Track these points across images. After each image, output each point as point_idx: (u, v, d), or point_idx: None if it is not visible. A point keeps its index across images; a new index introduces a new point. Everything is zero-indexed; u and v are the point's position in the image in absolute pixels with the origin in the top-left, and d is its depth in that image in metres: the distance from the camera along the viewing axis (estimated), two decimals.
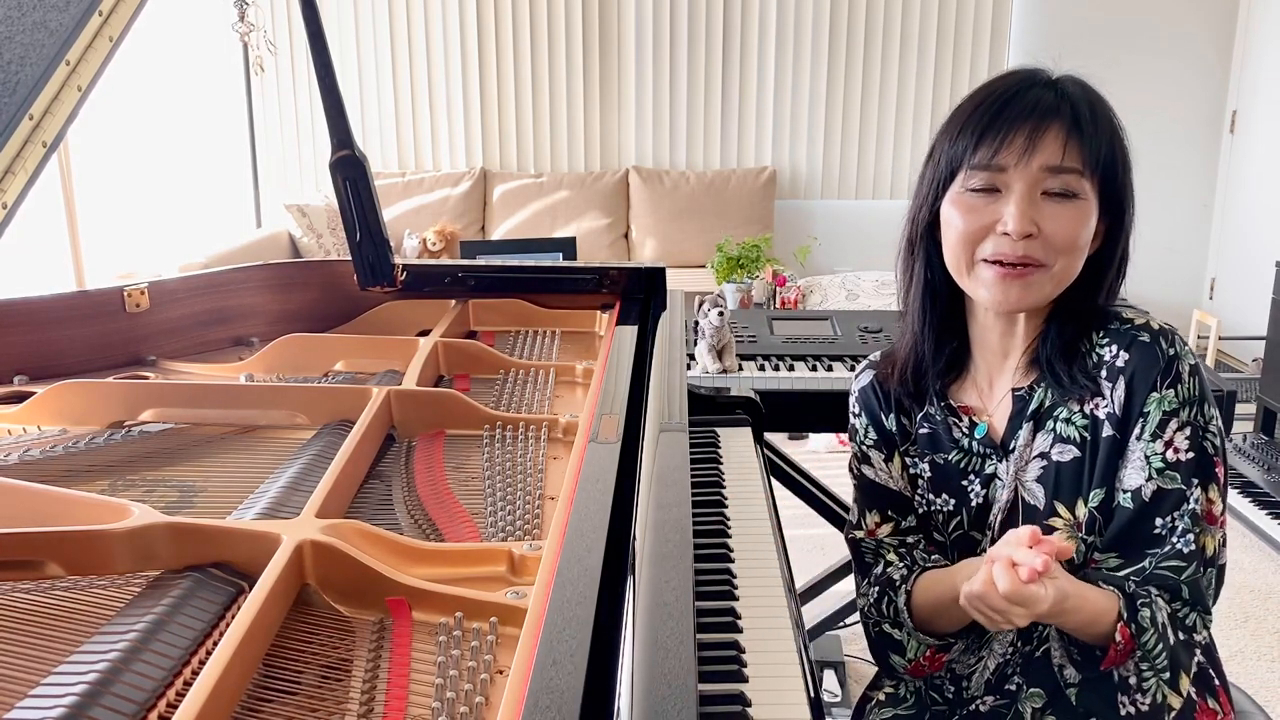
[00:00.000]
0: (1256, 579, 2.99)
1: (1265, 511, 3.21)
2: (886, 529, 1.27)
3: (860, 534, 1.29)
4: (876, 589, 1.23)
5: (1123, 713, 1.06)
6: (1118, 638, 1.03)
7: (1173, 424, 1.07)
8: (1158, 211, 5.17)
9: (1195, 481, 1.07)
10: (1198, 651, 1.07)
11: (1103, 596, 1.05)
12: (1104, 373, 1.11)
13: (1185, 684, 1.05)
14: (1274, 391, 3.64)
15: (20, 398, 1.32)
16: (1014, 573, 0.95)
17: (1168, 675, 1.04)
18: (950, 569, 1.16)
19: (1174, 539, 1.07)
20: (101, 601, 0.84)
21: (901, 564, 1.23)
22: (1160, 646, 1.04)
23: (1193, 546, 1.06)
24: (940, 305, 1.20)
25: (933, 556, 1.23)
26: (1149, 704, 1.05)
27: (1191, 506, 1.06)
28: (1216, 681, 1.17)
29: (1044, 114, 1.07)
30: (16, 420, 1.28)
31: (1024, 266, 1.08)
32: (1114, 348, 1.11)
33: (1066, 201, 1.07)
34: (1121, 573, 1.08)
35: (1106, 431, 1.10)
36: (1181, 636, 1.05)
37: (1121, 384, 1.10)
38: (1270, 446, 3.58)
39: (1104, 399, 1.11)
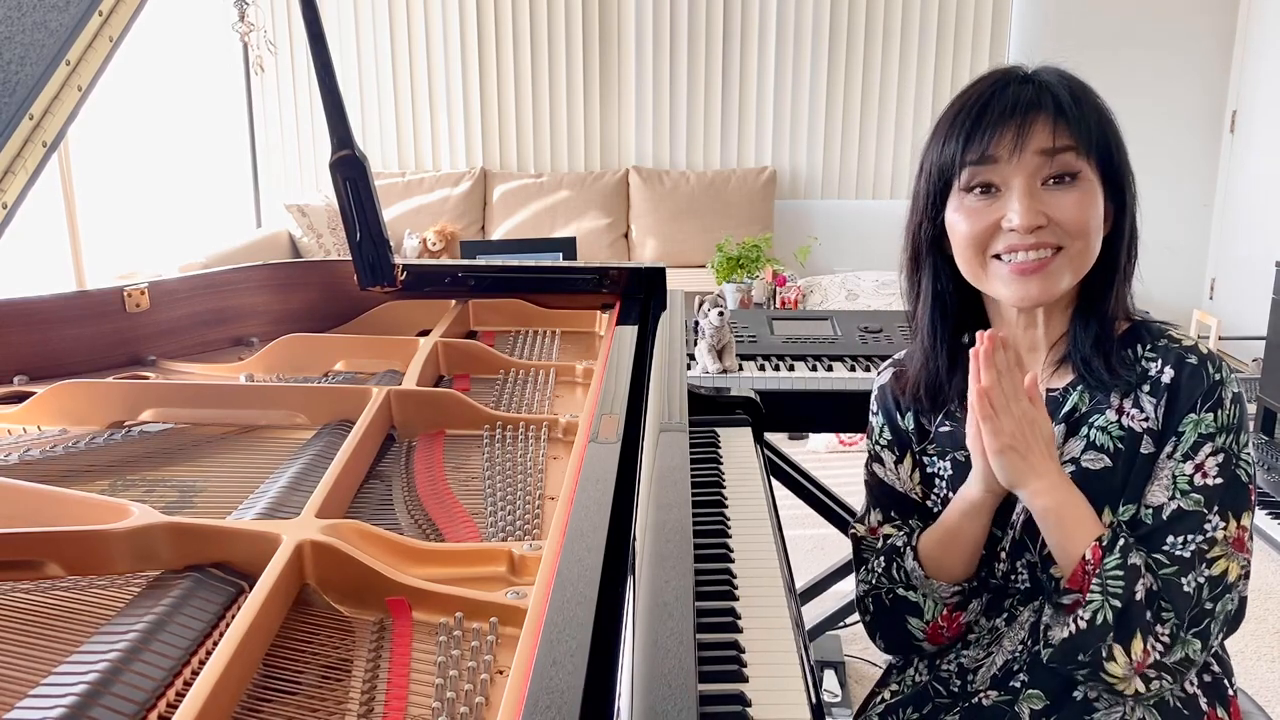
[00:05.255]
0: (1257, 579, 2.98)
1: (1265, 511, 3.21)
2: (888, 529, 1.27)
3: (862, 530, 1.30)
4: (883, 558, 1.24)
5: (1064, 633, 1.06)
6: (1087, 555, 1.05)
7: (1206, 448, 1.07)
8: (1158, 211, 5.13)
9: (1219, 509, 1.06)
10: (1154, 641, 1.04)
11: (1096, 523, 1.07)
12: (1146, 386, 1.10)
13: (1137, 648, 1.03)
14: (1274, 391, 3.64)
15: (20, 398, 1.32)
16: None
17: (1117, 605, 1.03)
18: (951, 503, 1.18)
19: (1179, 553, 1.06)
20: (101, 601, 0.84)
21: (902, 533, 1.25)
22: (1120, 574, 1.03)
23: (1187, 555, 1.05)
24: (950, 318, 1.20)
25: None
26: (1087, 620, 1.04)
27: (1210, 534, 1.06)
28: (1231, 692, 1.17)
29: (1028, 107, 1.06)
30: (16, 420, 1.28)
31: (1039, 259, 1.07)
32: (1160, 363, 1.11)
33: (1070, 185, 1.07)
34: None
35: (1146, 448, 1.10)
36: (1149, 615, 1.03)
37: (1164, 401, 1.09)
38: (1270, 446, 3.57)
39: (1141, 411, 1.10)
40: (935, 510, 1.25)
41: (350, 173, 1.65)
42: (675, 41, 5.34)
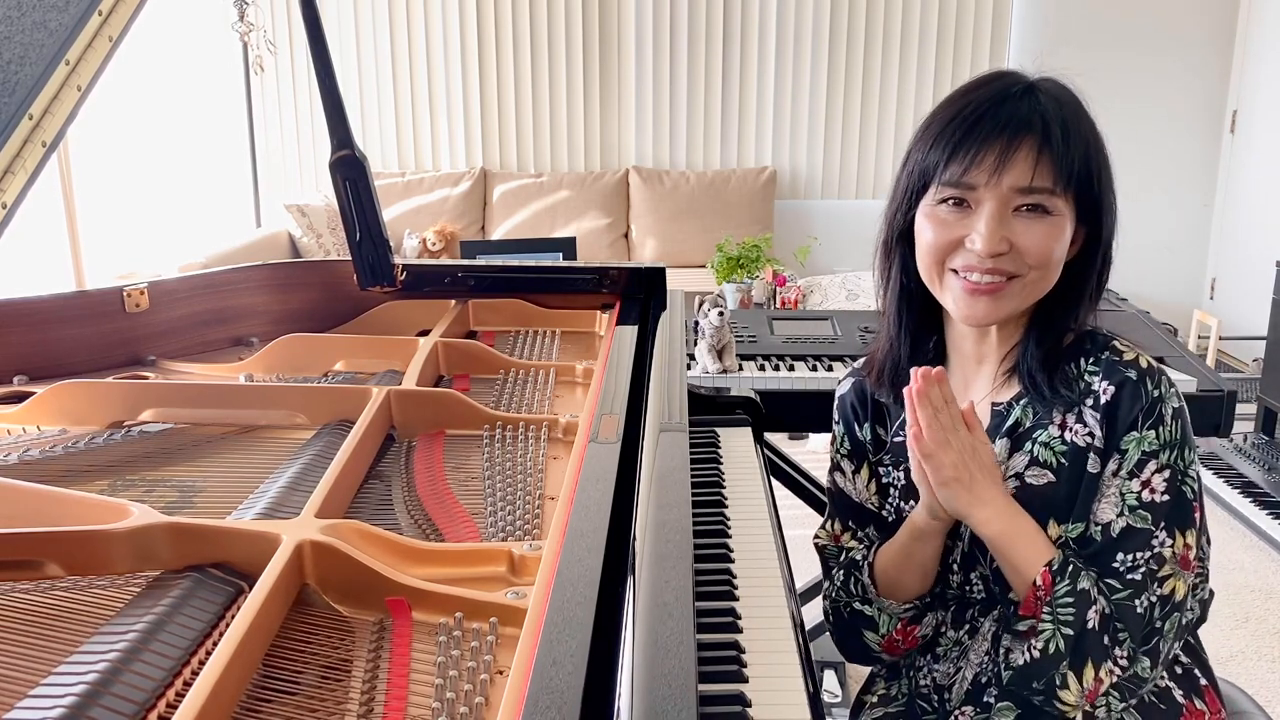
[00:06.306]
0: (1256, 579, 2.99)
1: (1265, 511, 3.21)
2: (847, 537, 1.30)
3: (825, 537, 1.32)
4: (843, 572, 1.26)
5: (1020, 659, 1.07)
6: (1038, 580, 1.05)
7: (1151, 465, 1.07)
8: (1158, 211, 5.17)
9: (1165, 525, 1.06)
10: (1111, 666, 1.04)
11: (1046, 545, 1.07)
12: (1089, 401, 1.11)
13: (1089, 676, 1.03)
14: (1274, 391, 3.64)
15: (20, 398, 1.32)
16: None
17: (1069, 634, 1.03)
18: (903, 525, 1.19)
19: (1131, 575, 1.06)
20: (101, 601, 0.84)
21: (862, 546, 1.27)
22: (1070, 601, 1.04)
23: (1138, 577, 1.05)
24: (915, 309, 1.21)
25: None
26: (1040, 649, 1.05)
27: (1158, 550, 1.06)
28: (1203, 682, 1.17)
29: (1016, 131, 1.05)
30: (16, 420, 1.28)
31: (993, 282, 1.08)
32: (1100, 378, 1.11)
33: (1039, 218, 1.07)
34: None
35: (1093, 465, 1.10)
36: (1105, 640, 1.04)
37: (1105, 418, 1.09)
38: (1270, 446, 3.58)
39: (1084, 426, 1.10)
40: (890, 520, 1.26)
41: (350, 173, 1.65)
42: (675, 41, 5.34)
